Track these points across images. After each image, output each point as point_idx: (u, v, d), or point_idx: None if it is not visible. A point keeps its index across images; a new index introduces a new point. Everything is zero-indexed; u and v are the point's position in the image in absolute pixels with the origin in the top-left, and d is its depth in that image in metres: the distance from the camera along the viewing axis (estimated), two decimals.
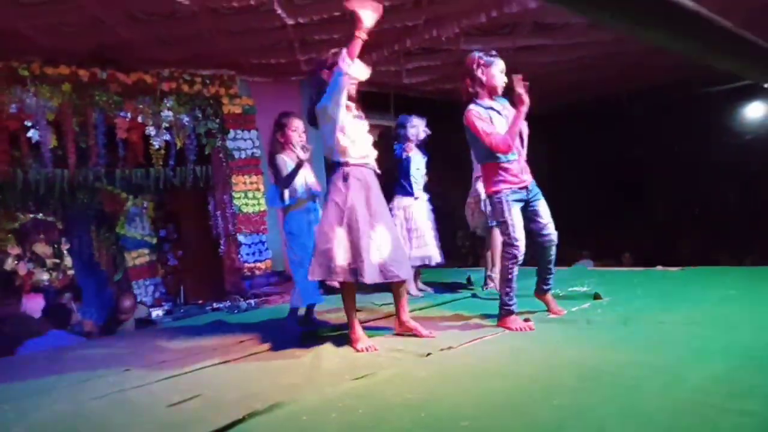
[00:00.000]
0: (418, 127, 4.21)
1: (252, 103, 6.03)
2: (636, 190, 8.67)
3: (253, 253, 5.92)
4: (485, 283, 4.16)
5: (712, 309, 2.97)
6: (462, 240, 9.07)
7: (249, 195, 5.95)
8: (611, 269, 5.04)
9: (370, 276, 2.59)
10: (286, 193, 3.25)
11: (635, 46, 6.22)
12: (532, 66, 6.93)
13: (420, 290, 4.22)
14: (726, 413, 1.52)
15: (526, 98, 2.79)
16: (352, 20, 2.56)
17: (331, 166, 2.78)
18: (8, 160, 4.66)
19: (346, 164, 2.69)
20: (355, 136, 2.71)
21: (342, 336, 2.83)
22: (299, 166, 3.17)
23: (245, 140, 5.96)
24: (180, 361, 2.66)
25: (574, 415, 1.59)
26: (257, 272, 5.81)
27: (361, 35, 2.55)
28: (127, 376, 2.49)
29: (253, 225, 5.94)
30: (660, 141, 7.98)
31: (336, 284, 2.79)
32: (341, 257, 2.60)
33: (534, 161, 3.13)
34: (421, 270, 4.33)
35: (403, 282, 2.81)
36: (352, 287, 2.70)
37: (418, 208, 4.10)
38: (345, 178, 2.67)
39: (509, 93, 2.94)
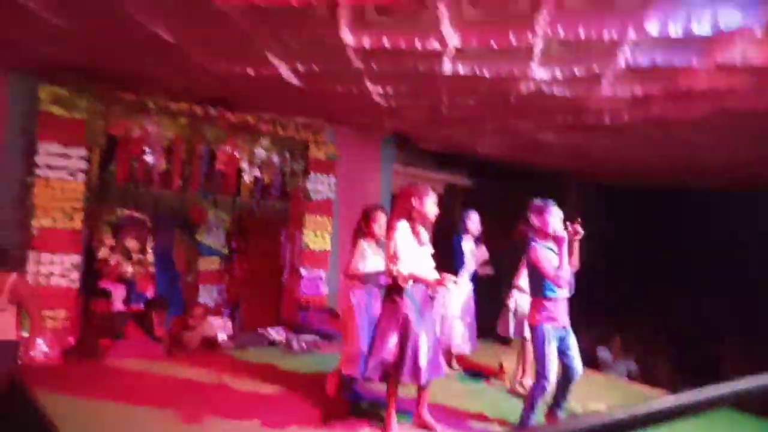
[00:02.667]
0: (476, 223, 4.64)
1: (335, 151, 6.62)
2: (683, 281, 8.64)
3: (311, 287, 6.49)
4: (514, 381, 4.49)
5: None
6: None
7: (317, 233, 6.53)
8: (637, 388, 5.23)
9: (412, 377, 3.08)
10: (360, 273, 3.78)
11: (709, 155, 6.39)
12: (601, 150, 7.20)
13: (451, 368, 4.64)
14: None
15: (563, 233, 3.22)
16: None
17: (391, 279, 3.27)
18: (126, 177, 5.43)
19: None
20: (415, 263, 3.17)
21: (378, 415, 3.31)
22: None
23: (323, 183, 6.55)
24: (241, 411, 3.22)
25: None
26: (312, 305, 6.38)
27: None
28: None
29: (316, 261, 6.52)
30: (722, 237, 7.89)
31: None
32: (389, 357, 3.09)
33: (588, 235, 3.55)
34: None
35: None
36: (397, 383, 3.18)
37: (456, 295, 4.53)
38: (399, 295, 3.15)
39: None
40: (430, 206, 3.21)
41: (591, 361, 6.63)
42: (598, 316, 8.78)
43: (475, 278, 4.82)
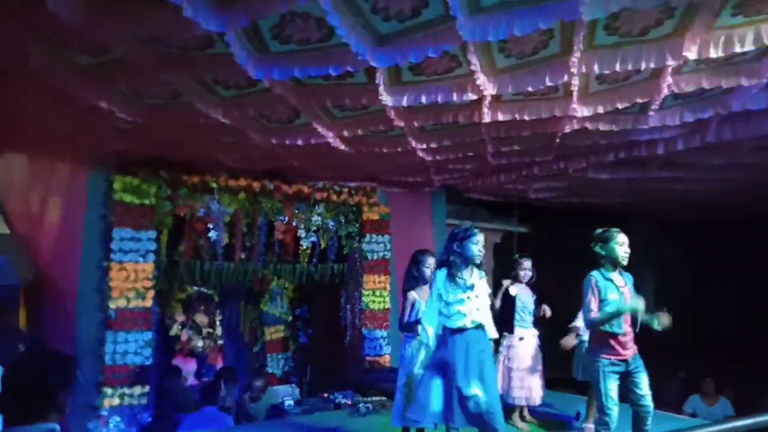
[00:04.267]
0: (527, 270, 4.53)
1: (388, 211, 6.74)
2: None
3: (374, 348, 6.45)
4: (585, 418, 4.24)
5: None
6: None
7: (376, 293, 6.56)
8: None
9: (460, 422, 2.98)
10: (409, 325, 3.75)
11: None
12: (664, 193, 6.96)
13: (527, 422, 4.42)
14: None
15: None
16: None
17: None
18: (193, 254, 5.73)
19: (451, 330, 3.12)
20: (462, 307, 3.11)
21: None
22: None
23: (378, 243, 6.64)
24: None
25: None
26: (376, 366, 6.32)
27: None
28: None
29: (377, 321, 6.51)
30: None
31: None
32: (437, 405, 3.01)
33: (664, 273, 3.38)
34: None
35: None
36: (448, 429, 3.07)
37: (522, 347, 4.37)
38: (448, 340, 3.09)
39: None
40: (472, 248, 3.17)
41: (680, 407, 6.14)
42: (687, 359, 8.19)
43: (543, 327, 4.65)
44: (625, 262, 3.24)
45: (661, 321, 3.18)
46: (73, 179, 5.01)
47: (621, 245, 3.29)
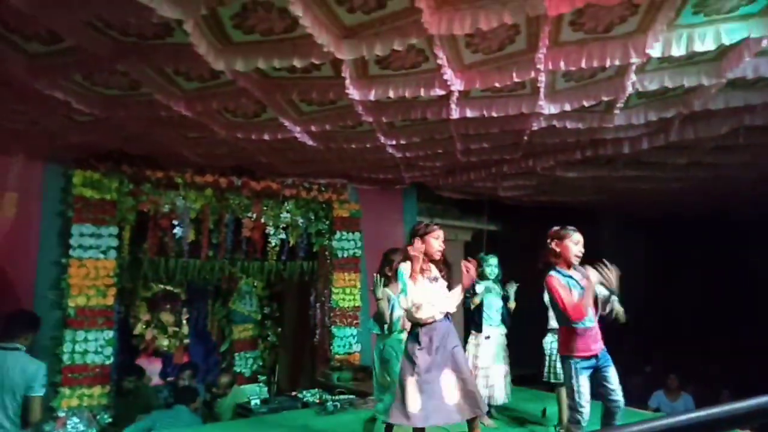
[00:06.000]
0: (492, 267, 4.54)
1: (358, 208, 6.68)
2: (746, 309, 8.18)
3: (344, 346, 6.40)
4: (559, 423, 4.28)
5: None
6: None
7: (346, 291, 6.49)
8: None
9: (438, 419, 2.95)
10: (386, 325, 3.71)
11: (736, 183, 6.24)
12: (630, 191, 7.07)
13: (493, 419, 4.42)
14: None
15: (592, 276, 3.09)
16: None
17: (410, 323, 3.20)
18: (157, 251, 5.58)
19: (418, 324, 3.10)
20: (427, 300, 3.09)
21: None
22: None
23: (349, 241, 6.58)
24: None
25: None
26: (345, 364, 6.26)
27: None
28: None
29: (347, 319, 6.45)
30: None
31: None
32: (414, 405, 2.97)
33: (631, 268, 3.39)
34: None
35: (475, 418, 3.11)
36: (424, 430, 3.05)
37: (488, 346, 4.37)
38: (416, 336, 3.07)
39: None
40: (433, 243, 3.16)
41: (645, 401, 6.25)
42: (652, 354, 8.37)
43: (511, 323, 4.66)
44: (577, 261, 3.24)
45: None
46: (28, 173, 4.83)
47: (578, 244, 3.29)
